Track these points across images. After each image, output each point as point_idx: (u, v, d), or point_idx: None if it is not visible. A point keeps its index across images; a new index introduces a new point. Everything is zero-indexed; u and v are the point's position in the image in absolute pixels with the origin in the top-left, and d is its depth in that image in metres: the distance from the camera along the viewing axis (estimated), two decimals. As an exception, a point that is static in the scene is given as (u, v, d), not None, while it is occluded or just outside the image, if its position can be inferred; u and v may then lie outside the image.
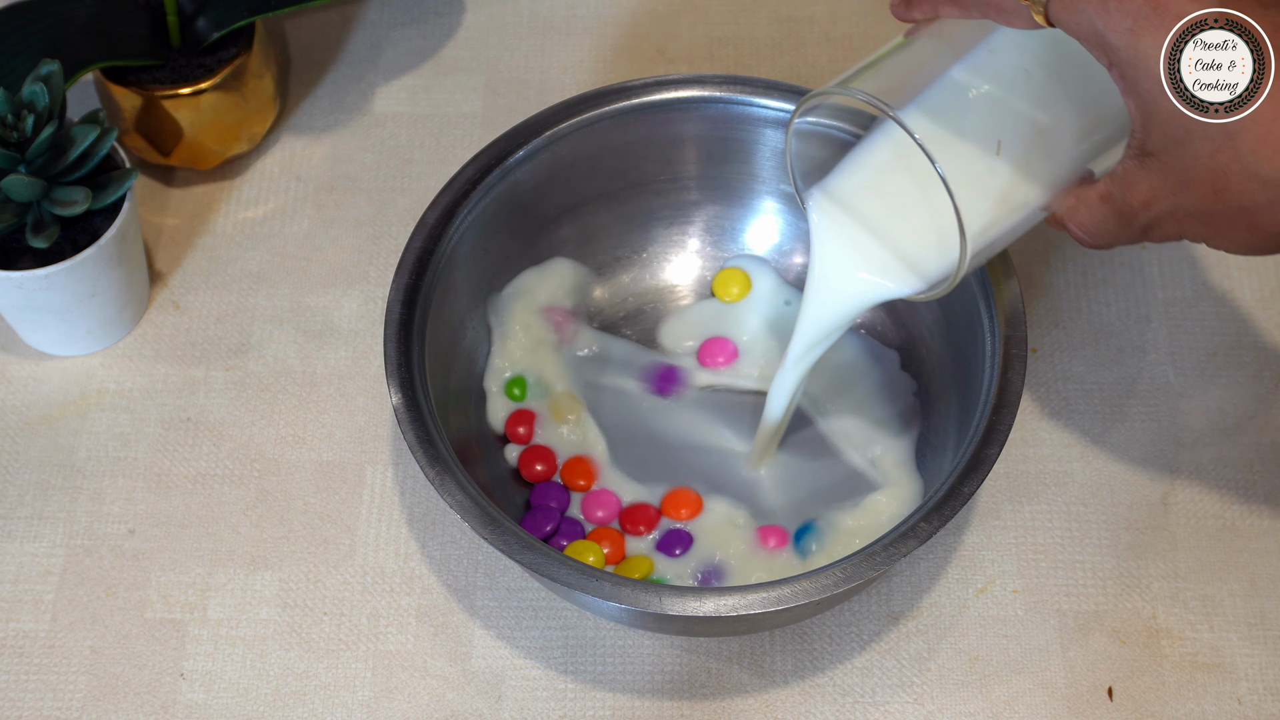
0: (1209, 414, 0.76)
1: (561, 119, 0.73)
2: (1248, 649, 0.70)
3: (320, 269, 0.81)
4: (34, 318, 0.75)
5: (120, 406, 0.76)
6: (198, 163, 0.82)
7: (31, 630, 0.70)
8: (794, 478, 0.73)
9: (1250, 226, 0.56)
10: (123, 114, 0.80)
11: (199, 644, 0.70)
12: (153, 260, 0.81)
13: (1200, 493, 0.74)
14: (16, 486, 0.74)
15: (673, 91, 0.74)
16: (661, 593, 0.62)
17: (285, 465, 0.75)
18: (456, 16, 0.90)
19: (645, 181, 0.77)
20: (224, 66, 0.79)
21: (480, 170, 0.72)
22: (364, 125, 0.86)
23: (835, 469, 0.73)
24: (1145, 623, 0.71)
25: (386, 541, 0.73)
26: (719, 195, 0.78)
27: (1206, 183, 0.55)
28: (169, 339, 0.79)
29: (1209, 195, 0.56)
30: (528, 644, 0.70)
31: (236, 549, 0.73)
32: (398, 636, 0.70)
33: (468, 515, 0.63)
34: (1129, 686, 0.69)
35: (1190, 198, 0.56)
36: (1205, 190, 0.56)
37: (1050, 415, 0.76)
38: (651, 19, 0.89)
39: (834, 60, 0.88)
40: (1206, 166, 0.55)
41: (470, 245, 0.72)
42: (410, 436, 0.65)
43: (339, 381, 0.77)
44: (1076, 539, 0.73)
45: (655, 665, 0.70)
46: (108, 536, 0.73)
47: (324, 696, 0.69)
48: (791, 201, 0.77)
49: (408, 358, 0.67)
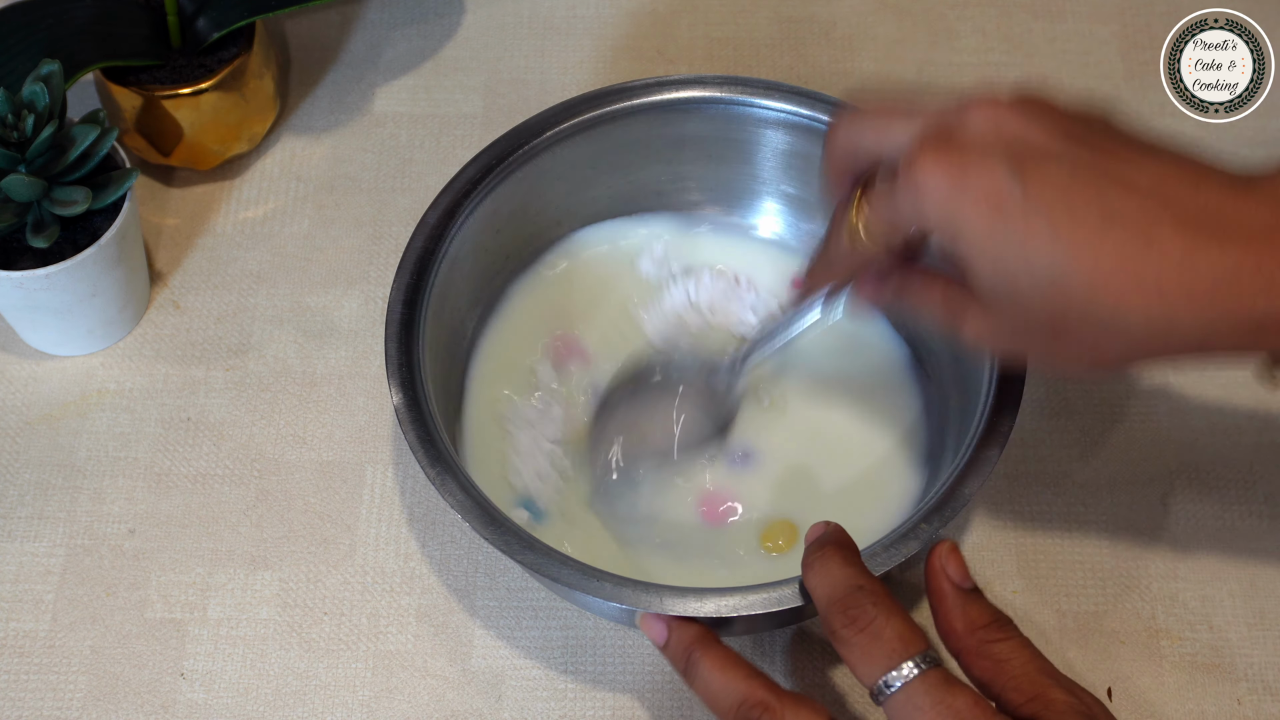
0: (1209, 414, 0.76)
1: (563, 119, 0.73)
2: (1248, 649, 0.70)
3: (320, 269, 0.81)
4: (34, 318, 0.75)
5: (120, 406, 0.76)
6: (198, 163, 0.82)
7: (31, 630, 0.70)
8: (794, 478, 0.73)
9: (1094, 360, 0.57)
10: (123, 114, 0.80)
11: (199, 644, 0.70)
12: (153, 260, 0.81)
13: (1200, 493, 0.74)
14: (16, 486, 0.74)
15: (674, 92, 0.74)
16: (661, 593, 0.62)
17: (285, 465, 0.75)
18: (456, 16, 0.90)
19: (646, 182, 0.77)
20: (224, 66, 0.79)
21: (482, 170, 0.72)
22: (364, 125, 0.86)
23: (835, 469, 0.73)
24: (1145, 623, 0.71)
25: (386, 541, 0.73)
26: (720, 196, 0.78)
27: (1045, 327, 0.56)
28: (169, 339, 0.79)
29: (1049, 338, 0.57)
30: (528, 644, 0.70)
31: (236, 549, 0.72)
32: (398, 636, 0.70)
33: (468, 515, 0.63)
34: (1129, 686, 0.69)
35: (1033, 341, 0.58)
36: (1045, 335, 0.57)
37: (1050, 415, 0.76)
38: (651, 19, 0.89)
39: (834, 60, 0.88)
40: (1043, 313, 0.56)
41: (471, 245, 0.72)
42: (411, 436, 0.65)
43: (339, 381, 0.77)
44: (1076, 539, 0.73)
45: (655, 665, 0.70)
46: (108, 536, 0.73)
47: (324, 696, 0.69)
48: (792, 202, 0.77)
49: (409, 357, 0.67)
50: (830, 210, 0.63)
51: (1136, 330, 0.54)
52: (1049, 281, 0.55)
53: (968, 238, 0.56)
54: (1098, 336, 0.55)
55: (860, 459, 0.73)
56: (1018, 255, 0.55)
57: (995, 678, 0.59)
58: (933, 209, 0.56)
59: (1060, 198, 0.54)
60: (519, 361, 0.75)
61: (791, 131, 0.74)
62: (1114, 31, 0.88)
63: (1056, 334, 0.56)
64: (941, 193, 0.56)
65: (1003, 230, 0.55)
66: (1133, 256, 0.53)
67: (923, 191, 0.56)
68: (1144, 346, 0.55)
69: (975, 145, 0.56)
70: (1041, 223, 0.54)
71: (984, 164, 0.55)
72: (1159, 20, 0.86)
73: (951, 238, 0.56)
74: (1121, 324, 0.54)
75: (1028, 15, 0.89)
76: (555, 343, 0.75)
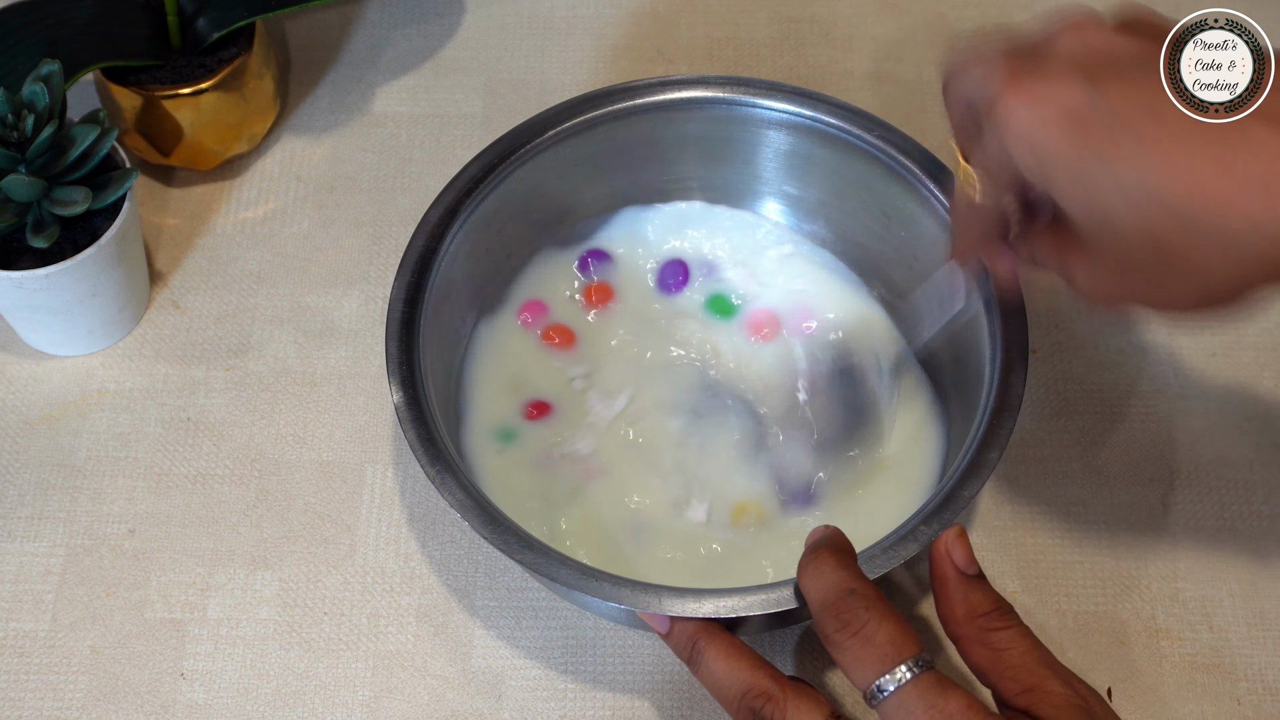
0: (1209, 414, 0.76)
1: (565, 119, 0.73)
2: (1247, 649, 0.70)
3: (320, 269, 0.81)
4: (34, 318, 0.75)
5: (120, 406, 0.76)
6: (198, 163, 0.82)
7: (31, 630, 0.70)
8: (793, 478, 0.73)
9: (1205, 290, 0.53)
10: (123, 114, 0.80)
11: (199, 644, 0.70)
12: (153, 260, 0.81)
13: (1200, 493, 0.74)
14: (16, 486, 0.74)
15: (675, 92, 0.74)
16: (661, 593, 0.62)
17: (285, 465, 0.75)
18: (456, 16, 0.90)
19: (648, 182, 0.77)
20: (224, 66, 0.79)
21: (483, 169, 0.72)
22: (364, 125, 0.86)
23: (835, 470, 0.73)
24: (1145, 623, 0.71)
25: (386, 541, 0.73)
26: (721, 196, 0.78)
27: (1148, 258, 0.53)
28: (169, 339, 0.79)
29: (1155, 271, 0.53)
30: (528, 644, 0.70)
31: (236, 549, 0.72)
32: (398, 636, 0.70)
33: (468, 515, 0.63)
34: (1129, 686, 0.69)
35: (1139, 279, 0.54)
36: (1149, 268, 0.53)
37: (1050, 416, 0.76)
38: (651, 19, 0.89)
39: (834, 60, 0.88)
40: (1142, 240, 0.52)
41: (472, 244, 0.72)
42: (411, 435, 0.65)
43: (339, 381, 0.77)
44: (1076, 539, 0.73)
45: (655, 665, 0.70)
46: (108, 536, 0.73)
47: (324, 696, 0.69)
48: (793, 202, 0.77)
49: (409, 356, 0.67)
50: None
51: (1247, 242, 0.50)
52: (1143, 197, 0.51)
53: (1053, 165, 0.53)
54: (1205, 257, 0.51)
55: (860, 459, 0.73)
56: (1106, 173, 0.52)
57: (993, 666, 0.58)
58: (1015, 143, 0.53)
59: (1145, 107, 0.51)
60: (519, 361, 0.75)
61: (793, 132, 0.74)
62: (1114, 32, 0.88)
63: (1161, 264, 0.52)
64: (1021, 123, 0.53)
65: (1085, 148, 0.52)
66: (1228, 156, 0.50)
67: (1005, 127, 0.53)
68: (1259, 265, 0.51)
69: (1054, 67, 0.53)
70: (1125, 133, 0.51)
71: (1061, 83, 0.52)
72: (1159, 20, 0.87)
73: (1039, 171, 0.53)
74: (1229, 236, 0.50)
75: (1028, 15, 0.89)
76: (551, 331, 0.76)
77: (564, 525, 0.70)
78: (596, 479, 0.71)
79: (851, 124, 0.73)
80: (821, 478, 0.71)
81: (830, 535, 0.61)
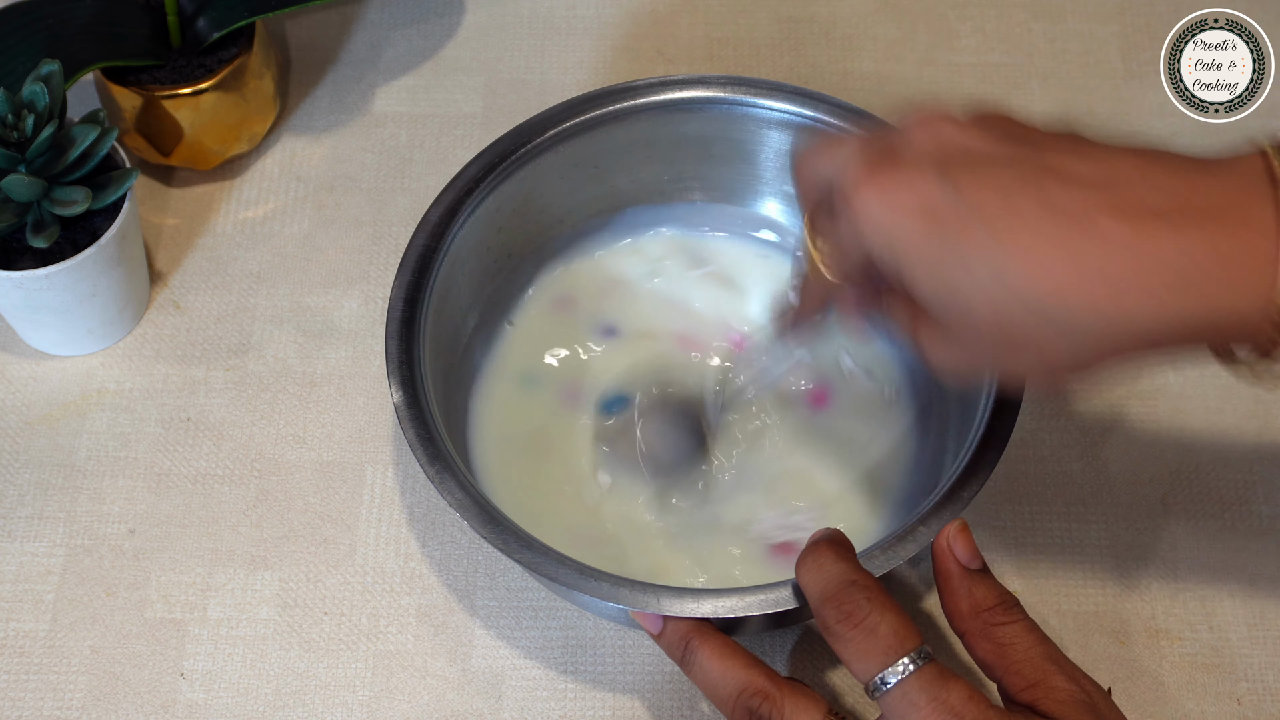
0: (1209, 414, 0.76)
1: (565, 118, 0.73)
2: (1248, 649, 0.70)
3: (320, 269, 0.81)
4: (34, 318, 0.75)
5: (120, 406, 0.76)
6: (198, 163, 0.82)
7: (31, 630, 0.70)
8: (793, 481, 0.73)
9: (1050, 366, 0.54)
10: (123, 114, 0.80)
11: (199, 644, 0.70)
12: (153, 260, 0.81)
13: (1200, 493, 0.74)
14: (16, 486, 0.74)
15: (676, 92, 0.74)
16: (660, 593, 0.62)
17: (285, 465, 0.75)
18: (456, 16, 0.90)
19: (648, 182, 0.77)
20: (224, 66, 0.79)
21: (484, 168, 0.72)
22: (364, 125, 0.86)
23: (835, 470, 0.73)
24: (1145, 623, 0.71)
25: (386, 541, 0.73)
26: (721, 196, 0.78)
27: (996, 336, 0.54)
28: (169, 339, 0.79)
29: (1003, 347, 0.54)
30: (528, 644, 0.70)
31: (236, 549, 0.72)
32: (398, 636, 0.70)
33: (468, 514, 0.63)
34: (1129, 686, 0.69)
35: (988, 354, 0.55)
36: (997, 345, 0.54)
37: (1050, 415, 0.76)
38: (651, 19, 0.90)
39: (834, 60, 0.88)
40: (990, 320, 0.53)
41: (473, 244, 0.72)
42: (411, 434, 0.65)
43: (339, 381, 0.77)
44: (1076, 539, 0.73)
45: (655, 665, 0.70)
46: (108, 536, 0.73)
47: (324, 696, 0.69)
48: (794, 202, 0.77)
49: (409, 355, 0.67)
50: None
51: (1087, 326, 0.52)
52: (995, 287, 0.52)
53: (907, 254, 0.54)
54: (1049, 338, 0.53)
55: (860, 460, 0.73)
56: (957, 263, 0.53)
57: (998, 661, 0.58)
58: (871, 234, 0.55)
59: (997, 198, 0.52)
60: (519, 361, 0.75)
61: (793, 132, 0.74)
62: (1114, 31, 0.88)
63: (1010, 345, 0.54)
64: (876, 213, 0.54)
65: (939, 239, 0.53)
66: (1072, 245, 0.51)
67: (859, 215, 0.54)
68: (1099, 345, 0.52)
69: (909, 160, 0.54)
70: (978, 225, 0.52)
71: (915, 176, 0.53)
72: (1159, 20, 0.86)
73: (893, 259, 0.55)
74: (1070, 320, 0.52)
75: (1028, 15, 0.89)
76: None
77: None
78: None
79: (852, 124, 0.73)
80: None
81: (829, 532, 0.61)
